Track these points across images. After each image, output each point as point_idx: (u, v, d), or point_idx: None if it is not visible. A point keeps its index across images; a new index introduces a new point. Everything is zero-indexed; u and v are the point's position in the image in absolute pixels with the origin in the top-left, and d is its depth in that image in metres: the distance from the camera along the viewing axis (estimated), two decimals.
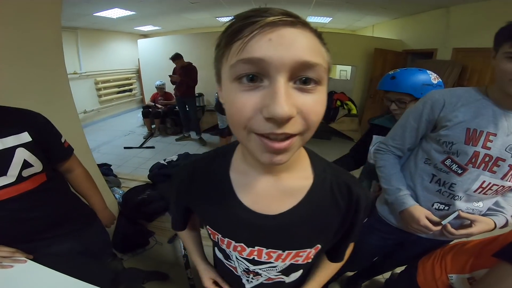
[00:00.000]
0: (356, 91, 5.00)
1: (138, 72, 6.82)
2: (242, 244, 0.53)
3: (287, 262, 0.56)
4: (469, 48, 3.11)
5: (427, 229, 0.90)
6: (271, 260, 0.55)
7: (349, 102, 4.61)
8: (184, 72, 3.92)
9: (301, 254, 0.54)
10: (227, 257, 0.60)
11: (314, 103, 0.34)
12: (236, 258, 0.58)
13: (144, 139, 4.58)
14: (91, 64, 5.39)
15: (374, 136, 1.22)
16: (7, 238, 0.85)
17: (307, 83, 0.33)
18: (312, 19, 5.16)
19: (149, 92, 5.31)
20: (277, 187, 0.48)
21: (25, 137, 0.83)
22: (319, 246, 0.54)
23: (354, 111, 4.62)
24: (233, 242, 0.54)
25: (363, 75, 4.86)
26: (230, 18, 0.34)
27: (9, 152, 0.80)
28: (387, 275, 1.64)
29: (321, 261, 0.70)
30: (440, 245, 1.03)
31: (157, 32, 6.43)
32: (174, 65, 4.08)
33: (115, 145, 4.37)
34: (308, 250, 0.53)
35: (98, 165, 1.98)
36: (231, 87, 0.34)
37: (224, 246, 0.57)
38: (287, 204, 0.49)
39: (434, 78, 1.08)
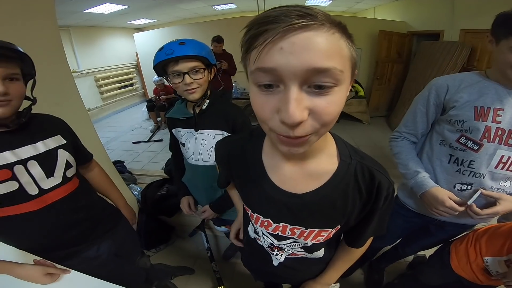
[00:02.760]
0: (362, 74, 4.92)
1: (137, 66, 6.75)
2: (268, 219, 0.59)
3: (309, 242, 0.60)
4: (477, 29, 3.01)
5: (452, 210, 0.88)
6: (294, 237, 0.59)
7: (356, 85, 4.54)
8: (224, 59, 3.40)
9: (322, 233, 0.58)
10: (256, 232, 0.67)
11: (328, 104, 0.35)
12: (262, 233, 0.64)
13: (152, 133, 4.57)
14: (89, 62, 5.34)
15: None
16: (56, 243, 0.86)
17: (320, 88, 0.34)
18: (311, 2, 5.02)
19: (151, 85, 5.23)
20: (302, 170, 0.52)
21: (61, 139, 0.87)
22: (338, 226, 0.58)
23: (361, 93, 4.56)
24: (261, 217, 0.59)
25: (368, 58, 4.77)
26: (230, 4, 0.38)
27: (53, 153, 0.83)
28: (409, 259, 1.67)
29: (341, 249, 0.73)
30: (465, 229, 1.04)
31: (152, 25, 6.30)
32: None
33: (123, 141, 4.37)
34: (330, 230, 0.57)
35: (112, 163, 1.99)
36: (254, 89, 0.38)
37: (253, 221, 0.63)
38: (311, 185, 0.52)
39: None
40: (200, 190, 1.23)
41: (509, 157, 0.83)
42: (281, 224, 0.58)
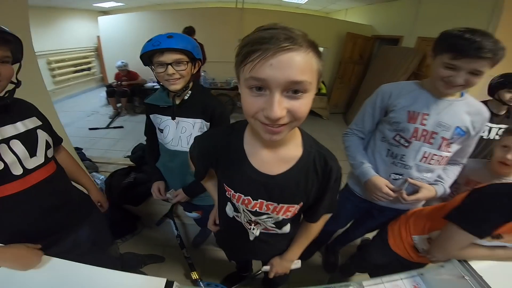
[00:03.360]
0: (326, 72, 5.15)
1: (97, 50, 6.25)
2: (249, 197, 0.70)
3: (280, 216, 0.73)
4: (432, 38, 3.33)
5: (388, 195, 1.08)
6: (269, 212, 0.72)
7: None
8: None
9: (290, 209, 0.71)
10: (236, 210, 0.78)
11: (300, 105, 0.49)
12: (243, 210, 0.75)
13: (111, 119, 4.27)
14: (42, 44, 4.82)
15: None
16: (37, 229, 0.82)
17: (296, 93, 0.47)
18: None
19: (112, 70, 4.93)
20: (276, 155, 0.65)
21: (37, 121, 0.87)
22: (301, 203, 0.72)
23: (323, 91, 4.84)
24: (243, 196, 0.71)
25: (333, 57, 5.02)
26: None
27: (33, 133, 0.83)
28: (358, 242, 1.86)
29: (301, 227, 0.87)
30: (400, 213, 1.22)
31: (119, 9, 5.90)
32: (141, 43, 3.73)
33: (78, 127, 4.00)
34: (295, 206, 0.71)
35: None
36: (245, 91, 0.50)
37: (234, 200, 0.74)
38: (282, 168, 0.66)
39: None
40: (175, 175, 1.25)
41: (429, 153, 1.02)
42: (259, 200, 0.70)
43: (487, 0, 2.54)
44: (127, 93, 4.48)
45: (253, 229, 0.80)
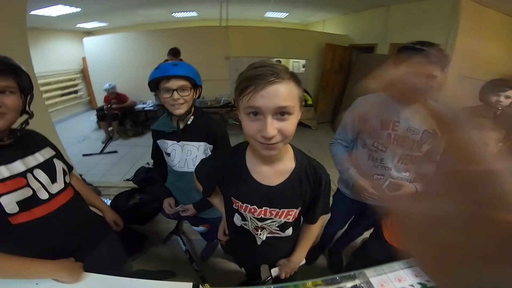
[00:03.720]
0: (310, 83, 5.40)
1: (83, 72, 6.22)
2: (255, 206, 0.83)
3: (282, 220, 0.86)
4: (403, 44, 3.62)
5: (373, 195, 1.22)
6: (272, 217, 0.85)
7: (305, 94, 4.99)
8: None
9: (290, 213, 0.85)
10: (244, 218, 0.89)
11: (287, 125, 0.63)
12: (250, 218, 0.87)
13: (104, 144, 4.27)
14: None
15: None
16: (61, 249, 0.89)
17: (283, 115, 0.62)
18: (271, 14, 5.44)
19: (100, 93, 4.91)
20: (274, 169, 0.80)
21: (51, 150, 0.94)
22: (299, 207, 0.85)
23: (310, 102, 5.05)
24: (249, 205, 0.83)
25: (316, 68, 5.26)
26: (191, 12, 0.72)
27: (50, 162, 0.90)
28: (359, 242, 1.98)
29: (302, 230, 1.01)
30: None
31: (103, 29, 5.93)
32: (127, 64, 3.78)
33: (71, 153, 3.87)
34: (294, 210, 0.85)
35: None
36: (245, 117, 0.64)
37: (242, 210, 0.86)
38: (280, 179, 0.80)
39: None
40: (183, 192, 1.38)
41: (404, 154, 1.18)
42: (263, 208, 0.83)
43: (445, 6, 2.82)
44: (118, 116, 4.47)
45: (260, 234, 0.92)
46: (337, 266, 1.90)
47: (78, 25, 5.39)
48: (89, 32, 6.09)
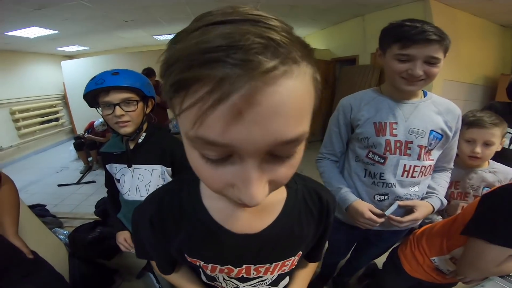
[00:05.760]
0: None
1: (64, 98, 5.98)
2: (228, 266, 0.52)
3: (275, 274, 0.57)
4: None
5: (372, 222, 0.93)
6: (260, 275, 0.55)
7: None
8: (156, 92, 3.30)
9: (286, 263, 0.56)
10: (213, 279, 0.57)
11: (287, 170, 0.30)
12: (224, 279, 0.56)
13: (82, 174, 4.02)
14: (3, 92, 4.56)
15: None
16: None
17: (281, 156, 0.28)
18: None
19: (79, 120, 4.74)
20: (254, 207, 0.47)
21: None
22: (300, 252, 0.57)
23: None
24: (219, 266, 0.52)
25: None
26: (171, 35, 0.32)
27: None
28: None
29: (300, 265, 0.71)
30: (401, 234, 1.11)
31: (85, 53, 5.85)
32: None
33: (47, 184, 3.75)
34: (292, 258, 0.56)
35: (29, 206, 1.68)
36: (193, 153, 0.30)
37: (208, 271, 0.54)
38: (266, 220, 0.49)
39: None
40: None
41: (410, 165, 0.91)
42: (244, 266, 0.52)
43: (418, 9, 2.87)
44: (96, 145, 4.15)
45: None
46: None
47: (58, 49, 5.27)
48: (71, 56, 5.97)
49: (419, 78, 0.81)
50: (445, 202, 0.98)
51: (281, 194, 0.51)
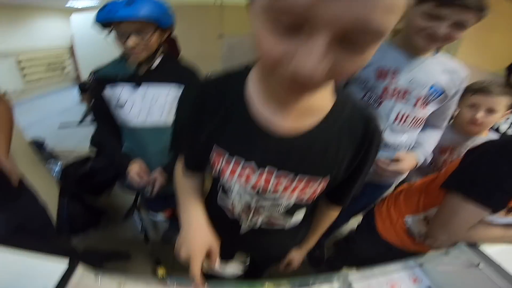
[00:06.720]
0: None
1: (71, 49, 5.94)
2: (252, 163, 0.49)
3: (293, 199, 0.53)
4: None
5: None
6: (277, 194, 0.52)
7: None
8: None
9: (310, 186, 0.51)
10: (227, 190, 0.56)
11: (353, 63, 0.28)
12: (238, 192, 0.54)
13: (84, 114, 3.95)
14: (11, 43, 4.63)
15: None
16: None
17: (354, 43, 0.26)
18: None
19: (86, 69, 4.68)
20: (296, 107, 0.44)
21: None
22: (328, 178, 0.51)
23: None
24: (241, 163, 0.49)
25: None
26: None
27: None
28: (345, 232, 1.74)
29: (319, 213, 0.70)
30: (383, 190, 1.11)
31: (94, 8, 5.63)
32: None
33: (49, 124, 3.76)
34: (319, 179, 0.50)
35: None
36: (262, 26, 0.29)
37: (227, 174, 0.52)
38: (303, 124, 0.46)
39: None
40: (150, 156, 1.05)
41: (404, 113, 0.92)
42: (266, 169, 0.49)
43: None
44: None
45: (250, 220, 0.60)
46: (318, 259, 1.63)
47: (68, 5, 5.17)
48: (80, 11, 5.79)
49: (440, 37, 0.78)
50: (429, 158, 1.00)
51: (326, 104, 0.46)
